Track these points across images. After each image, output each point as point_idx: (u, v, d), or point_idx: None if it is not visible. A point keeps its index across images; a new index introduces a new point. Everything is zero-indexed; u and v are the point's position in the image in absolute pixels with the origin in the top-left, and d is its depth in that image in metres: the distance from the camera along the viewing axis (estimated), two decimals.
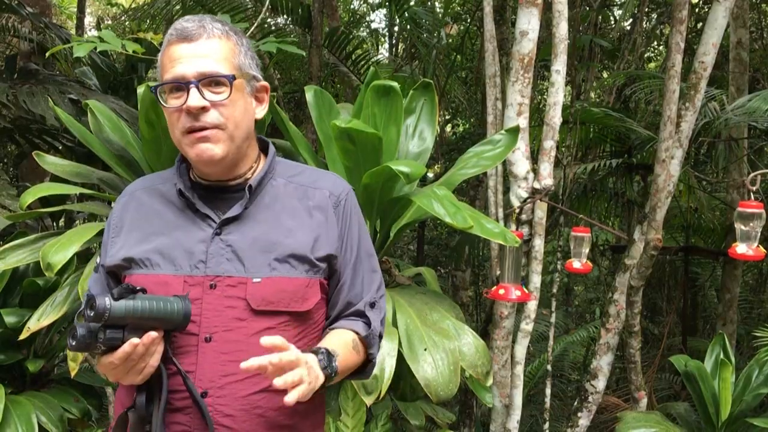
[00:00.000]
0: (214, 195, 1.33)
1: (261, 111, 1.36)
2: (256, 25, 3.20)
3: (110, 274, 1.35)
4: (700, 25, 5.54)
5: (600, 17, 5.85)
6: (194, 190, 1.33)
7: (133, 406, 1.24)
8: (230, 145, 1.27)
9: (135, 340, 1.14)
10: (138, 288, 1.17)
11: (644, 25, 5.84)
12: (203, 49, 1.24)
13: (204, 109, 1.23)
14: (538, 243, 2.85)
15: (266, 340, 1.09)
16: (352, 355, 1.33)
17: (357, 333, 1.36)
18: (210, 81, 1.24)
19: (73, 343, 1.14)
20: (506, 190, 3.06)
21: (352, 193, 1.44)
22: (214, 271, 1.26)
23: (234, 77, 1.25)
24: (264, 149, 1.42)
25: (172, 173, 1.36)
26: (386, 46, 8.36)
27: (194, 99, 1.22)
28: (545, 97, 2.95)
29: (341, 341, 1.31)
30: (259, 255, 1.28)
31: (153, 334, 1.16)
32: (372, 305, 1.42)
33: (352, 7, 8.43)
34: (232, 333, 1.25)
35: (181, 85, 1.23)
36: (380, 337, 1.45)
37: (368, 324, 1.39)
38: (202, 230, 1.29)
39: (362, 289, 1.41)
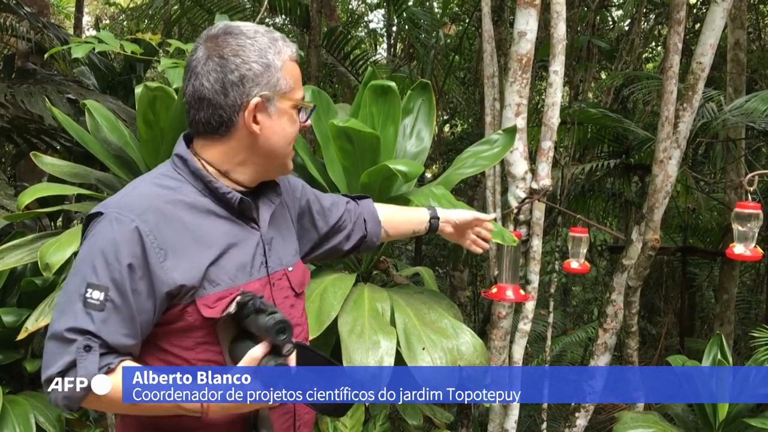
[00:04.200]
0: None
1: None
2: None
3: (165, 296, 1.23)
4: (698, 26, 5.55)
5: (598, 18, 5.86)
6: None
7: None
8: None
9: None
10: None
11: (642, 26, 5.84)
12: None
13: None
14: (536, 243, 2.86)
15: None
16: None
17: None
18: None
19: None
20: (504, 191, 3.06)
21: None
22: (270, 269, 1.35)
23: None
24: None
25: (176, 181, 1.29)
26: (384, 46, 8.37)
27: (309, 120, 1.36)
28: (543, 97, 2.96)
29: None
30: (286, 246, 1.43)
31: None
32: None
33: (350, 7, 8.44)
34: (293, 319, 1.33)
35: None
36: None
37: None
38: (252, 234, 1.33)
39: (333, 204, 1.67)
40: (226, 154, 1.29)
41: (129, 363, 1.19)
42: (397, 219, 1.81)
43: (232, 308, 1.19)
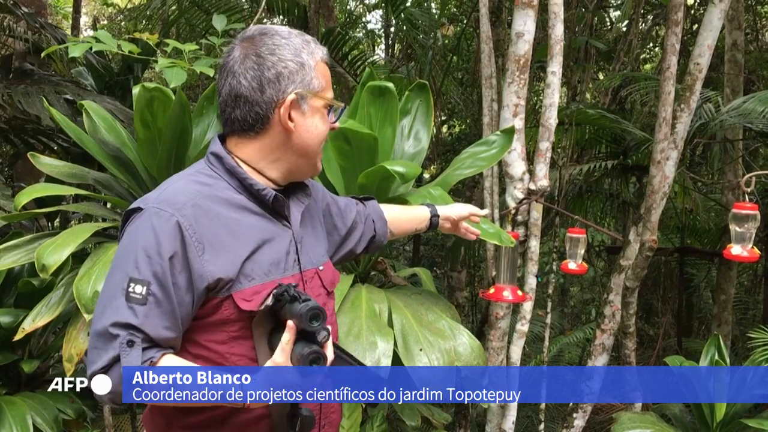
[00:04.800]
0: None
1: None
2: (252, 26, 3.20)
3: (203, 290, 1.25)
4: (695, 26, 5.56)
5: (596, 19, 5.87)
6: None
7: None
8: None
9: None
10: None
11: (640, 27, 5.85)
12: None
13: None
14: (534, 244, 2.86)
15: None
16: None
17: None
18: None
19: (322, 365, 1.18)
20: (502, 191, 3.06)
21: None
22: (303, 266, 1.37)
23: None
24: None
25: (211, 178, 1.31)
26: (382, 47, 8.37)
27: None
28: (541, 98, 2.96)
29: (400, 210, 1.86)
30: (316, 246, 1.46)
31: None
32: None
33: (348, 7, 8.43)
34: None
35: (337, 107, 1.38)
36: None
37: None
38: (285, 231, 1.35)
39: (347, 206, 1.68)
40: (260, 151, 1.32)
41: (171, 356, 1.21)
42: (401, 218, 1.85)
43: (270, 300, 1.21)
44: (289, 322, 1.17)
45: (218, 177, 1.31)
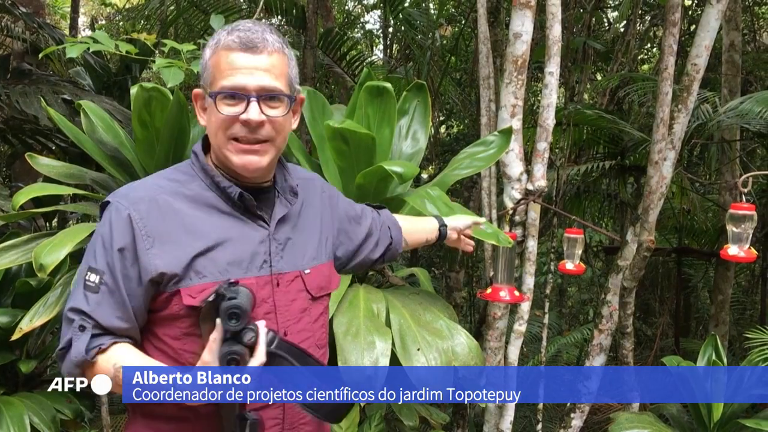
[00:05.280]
0: (255, 196, 1.34)
1: (295, 122, 1.40)
2: None
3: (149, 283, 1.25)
4: (693, 27, 5.57)
5: (593, 19, 5.87)
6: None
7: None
8: (274, 155, 1.33)
9: (262, 323, 1.19)
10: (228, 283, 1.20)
11: (638, 28, 5.86)
12: (265, 62, 1.25)
13: (261, 124, 1.26)
14: (532, 244, 2.86)
15: None
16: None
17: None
18: (269, 96, 1.26)
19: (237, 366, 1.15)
20: (500, 192, 3.06)
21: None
22: (276, 269, 1.34)
23: (293, 98, 1.31)
24: None
25: (187, 175, 1.33)
26: (381, 47, 8.37)
27: (255, 113, 1.24)
28: (539, 98, 2.96)
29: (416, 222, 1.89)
30: (303, 249, 1.41)
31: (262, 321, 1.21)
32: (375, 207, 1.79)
33: (346, 8, 8.44)
34: (300, 323, 1.37)
35: (239, 95, 1.24)
36: None
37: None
38: (257, 231, 1.33)
39: (363, 212, 1.69)
40: (212, 149, 1.35)
41: (125, 345, 1.24)
42: (413, 228, 1.86)
43: (210, 297, 1.19)
44: (218, 320, 1.17)
45: (194, 174, 1.33)
